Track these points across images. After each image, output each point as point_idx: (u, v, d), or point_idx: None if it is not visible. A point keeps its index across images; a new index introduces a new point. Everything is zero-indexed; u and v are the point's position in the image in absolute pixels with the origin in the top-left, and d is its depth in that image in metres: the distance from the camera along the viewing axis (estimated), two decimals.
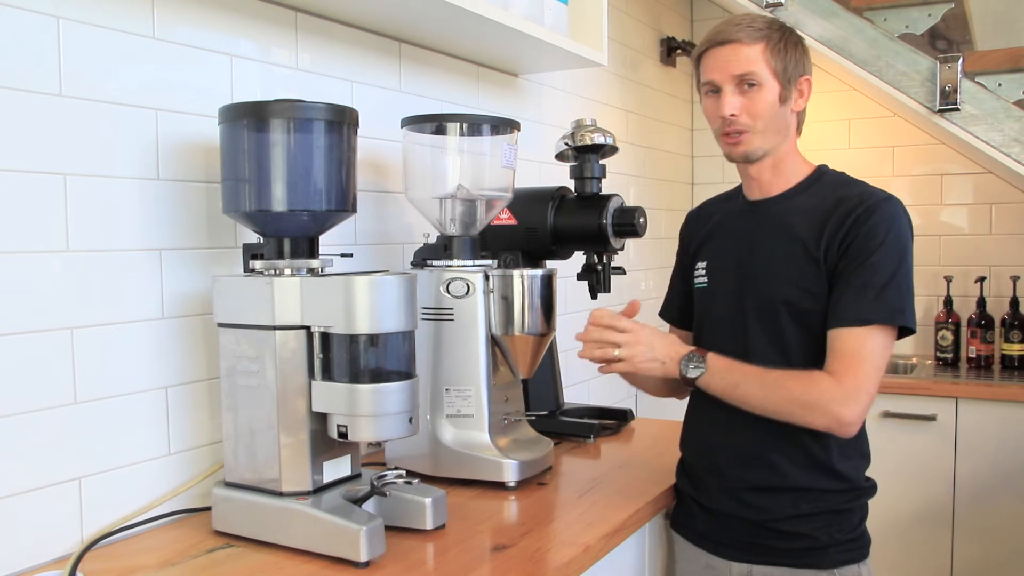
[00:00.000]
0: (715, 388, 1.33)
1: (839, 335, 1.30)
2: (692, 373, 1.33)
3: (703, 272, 1.50)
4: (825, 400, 1.27)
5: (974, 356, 2.84)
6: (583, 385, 2.60)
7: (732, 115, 1.36)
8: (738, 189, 1.54)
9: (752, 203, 1.47)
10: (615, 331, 1.35)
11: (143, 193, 1.29)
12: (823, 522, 1.37)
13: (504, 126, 1.57)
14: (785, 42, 1.37)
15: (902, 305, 1.30)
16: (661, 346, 1.35)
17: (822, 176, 1.43)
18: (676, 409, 1.60)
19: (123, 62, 1.26)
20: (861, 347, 1.28)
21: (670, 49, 3.18)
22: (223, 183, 1.26)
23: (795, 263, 1.36)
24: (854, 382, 1.27)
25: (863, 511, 1.43)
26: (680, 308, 1.60)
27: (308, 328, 1.19)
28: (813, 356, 1.35)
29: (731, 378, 1.32)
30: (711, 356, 1.34)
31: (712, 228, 1.53)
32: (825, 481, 1.37)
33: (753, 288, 1.40)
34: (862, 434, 1.42)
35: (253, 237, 1.30)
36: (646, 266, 2.97)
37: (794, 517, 1.37)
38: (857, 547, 1.40)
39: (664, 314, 1.65)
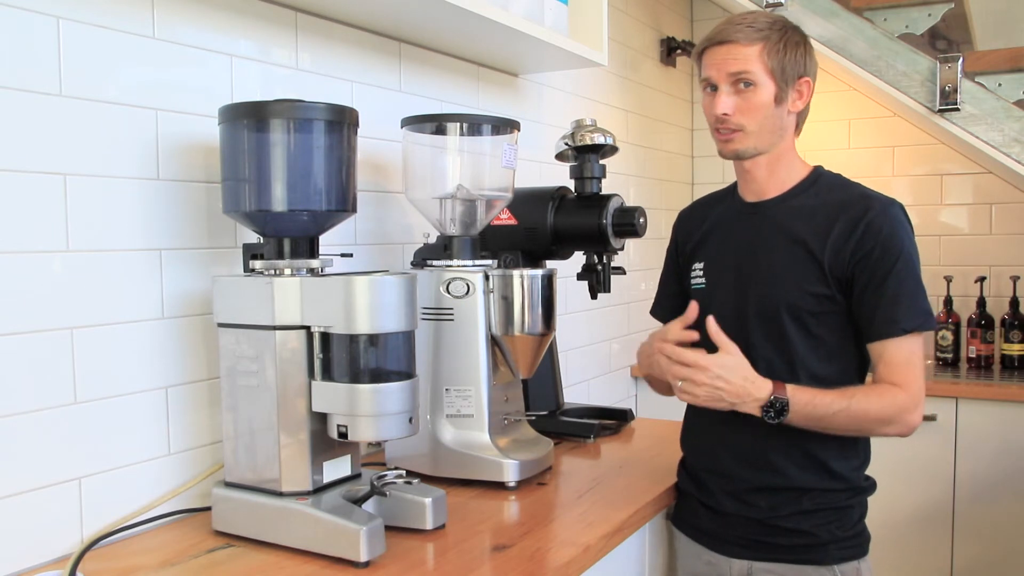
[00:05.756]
0: (798, 424, 1.33)
1: (887, 347, 1.33)
2: (774, 420, 1.31)
3: (700, 273, 1.50)
4: (901, 412, 1.32)
5: (974, 356, 2.84)
6: (583, 385, 2.60)
7: (725, 114, 1.37)
8: (730, 189, 1.54)
9: (752, 205, 1.46)
10: (680, 364, 1.31)
11: (143, 193, 1.29)
12: (824, 519, 1.38)
13: (504, 126, 1.57)
14: (785, 43, 1.36)
15: (929, 308, 1.35)
16: (731, 388, 1.30)
17: (819, 178, 1.44)
18: (676, 409, 1.59)
19: (123, 62, 1.26)
20: (910, 355, 1.33)
21: (670, 49, 3.17)
22: (223, 183, 1.26)
23: (797, 265, 1.37)
24: (916, 389, 1.33)
25: (862, 508, 1.44)
26: (671, 309, 1.57)
27: (308, 328, 1.19)
28: (814, 356, 1.37)
29: (816, 413, 1.31)
30: (793, 399, 1.30)
31: (709, 228, 1.52)
32: (826, 481, 1.38)
33: (755, 290, 1.40)
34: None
35: (253, 237, 1.30)
36: (646, 266, 2.97)
37: (796, 514, 1.38)
38: (857, 544, 1.41)
39: (654, 313, 1.64)
